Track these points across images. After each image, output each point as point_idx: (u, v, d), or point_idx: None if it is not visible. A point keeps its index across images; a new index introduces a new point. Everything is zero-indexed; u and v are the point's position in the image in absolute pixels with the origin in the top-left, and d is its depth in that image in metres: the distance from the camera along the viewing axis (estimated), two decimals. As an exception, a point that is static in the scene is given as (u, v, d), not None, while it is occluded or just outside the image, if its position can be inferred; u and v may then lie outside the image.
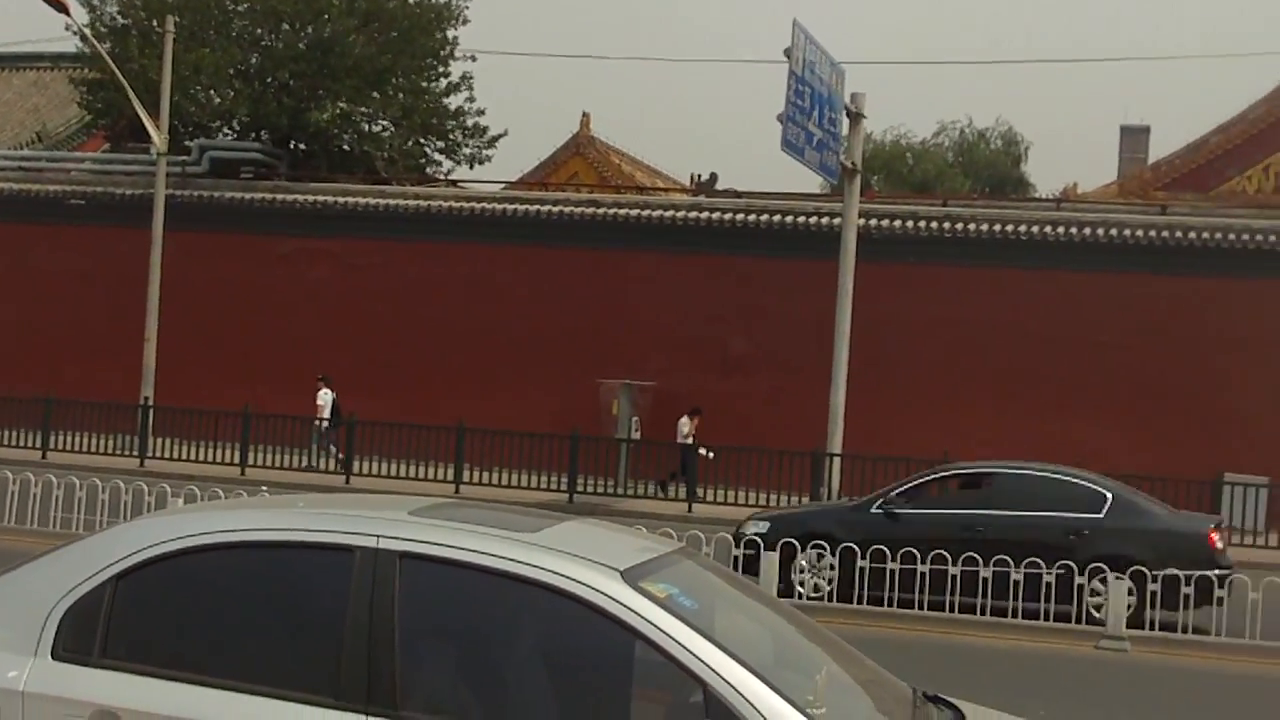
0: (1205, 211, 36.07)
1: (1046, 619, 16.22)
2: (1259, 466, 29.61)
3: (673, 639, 4.75)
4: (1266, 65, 63.32)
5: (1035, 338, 33.29)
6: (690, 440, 31.42)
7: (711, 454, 30.47)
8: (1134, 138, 53.81)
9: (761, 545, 16.94)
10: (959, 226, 34.17)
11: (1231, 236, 32.90)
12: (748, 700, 4.66)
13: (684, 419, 31.80)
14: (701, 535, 17.10)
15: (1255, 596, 15.68)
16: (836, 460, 30.18)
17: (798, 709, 4.73)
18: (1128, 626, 15.60)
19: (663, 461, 31.37)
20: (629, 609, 4.81)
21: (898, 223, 34.49)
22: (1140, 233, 33.39)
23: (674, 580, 5.22)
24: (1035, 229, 33.84)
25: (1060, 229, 33.76)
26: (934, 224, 34.35)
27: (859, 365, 31.33)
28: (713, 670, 4.70)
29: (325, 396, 33.54)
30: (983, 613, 16.34)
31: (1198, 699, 13.64)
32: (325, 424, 33.06)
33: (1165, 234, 33.26)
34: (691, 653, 4.73)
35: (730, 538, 17.22)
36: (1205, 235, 33.04)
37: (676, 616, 4.84)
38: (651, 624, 4.78)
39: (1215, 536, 17.38)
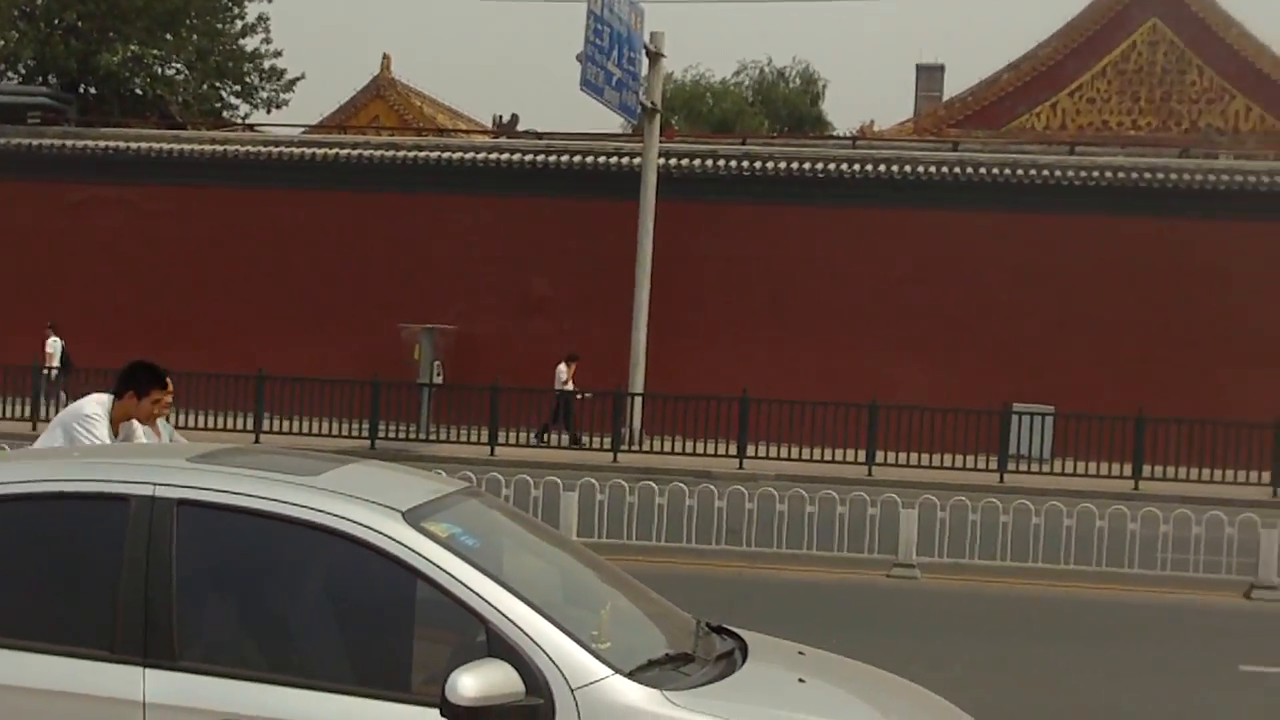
0: (995, 148, 37.02)
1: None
2: (1044, 396, 30.55)
3: (454, 578, 4.79)
4: (1057, 3, 64.85)
5: (833, 274, 33.85)
6: (569, 386, 31.38)
7: (588, 395, 30.52)
8: (929, 76, 54.79)
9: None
10: (758, 165, 34.54)
11: (1020, 172, 33.80)
12: (530, 636, 4.72)
13: (561, 365, 31.56)
14: (501, 477, 17.17)
15: (1038, 521, 16.25)
16: (638, 400, 30.51)
17: (581, 643, 4.81)
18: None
19: (466, 405, 31.21)
20: (410, 549, 4.84)
21: (697, 162, 34.74)
22: (933, 169, 34.10)
23: (457, 520, 5.26)
24: (832, 167, 34.36)
25: (856, 166, 34.33)
26: (733, 163, 34.67)
27: (660, 305, 31.67)
28: (495, 608, 4.75)
29: (54, 344, 32.48)
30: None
31: (984, 621, 14.11)
32: (55, 372, 32.01)
33: (957, 170, 34.02)
34: (474, 591, 4.77)
35: (529, 479, 17.27)
36: (995, 171, 33.88)
37: (458, 555, 4.88)
38: (433, 563, 4.81)
39: None
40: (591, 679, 4.72)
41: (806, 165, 34.49)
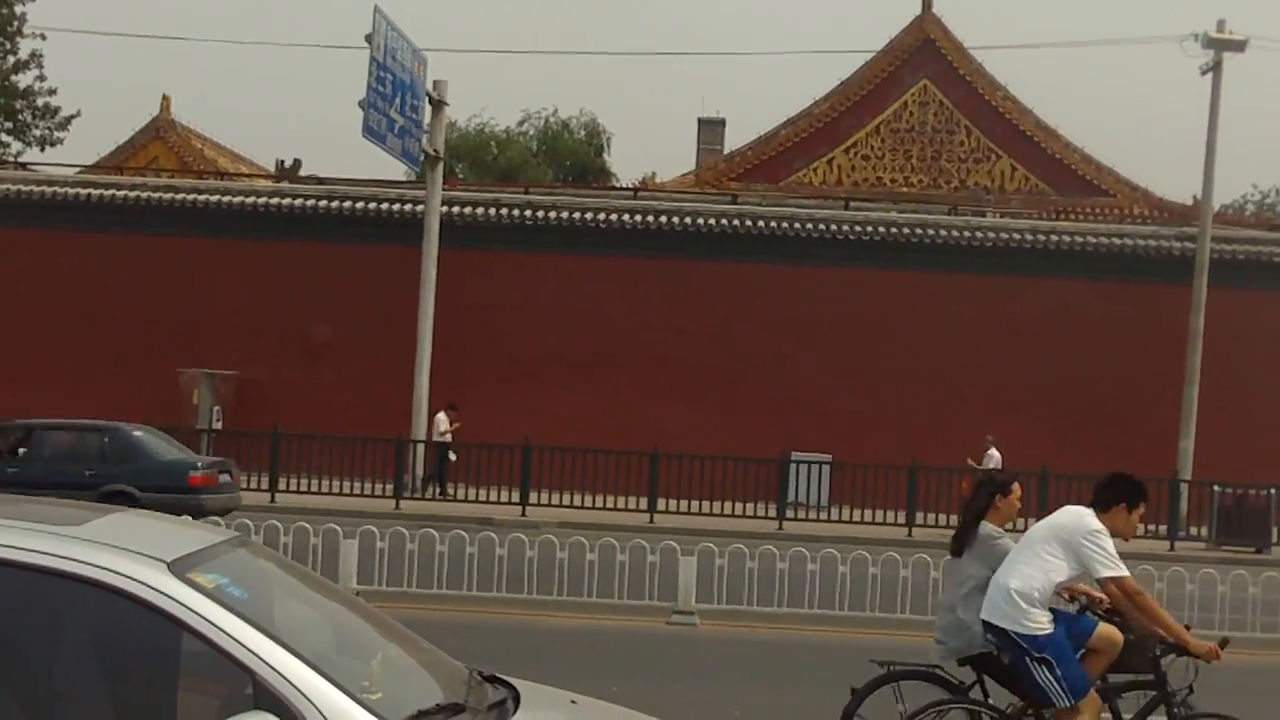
0: (773, 201, 37.76)
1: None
2: (822, 445, 31.10)
3: (220, 629, 4.69)
4: (832, 63, 66.51)
5: (615, 324, 34.11)
6: (448, 437, 30.93)
7: (454, 456, 30.18)
8: (711, 129, 55.54)
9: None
10: (540, 214, 34.68)
11: (797, 225, 34.50)
12: (297, 688, 4.65)
13: (440, 415, 31.22)
14: (279, 525, 16.90)
15: (814, 568, 16.50)
16: (420, 447, 30.32)
17: (349, 694, 4.76)
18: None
19: (246, 451, 30.49)
20: (175, 600, 4.73)
21: (480, 210, 34.77)
22: (713, 221, 34.63)
23: (225, 570, 5.16)
24: (614, 217, 34.67)
25: (638, 217, 34.68)
26: (516, 211, 34.77)
27: (442, 352, 31.55)
28: (261, 659, 4.66)
29: None
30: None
31: (761, 667, 14.27)
32: None
33: (736, 222, 34.60)
34: (239, 643, 4.68)
35: (308, 527, 17.01)
36: (773, 224, 34.54)
37: (224, 606, 4.79)
38: (198, 615, 4.71)
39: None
40: (359, 730, 4.67)
41: (589, 215, 34.74)
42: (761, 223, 34.62)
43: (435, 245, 31.53)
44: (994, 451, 29.56)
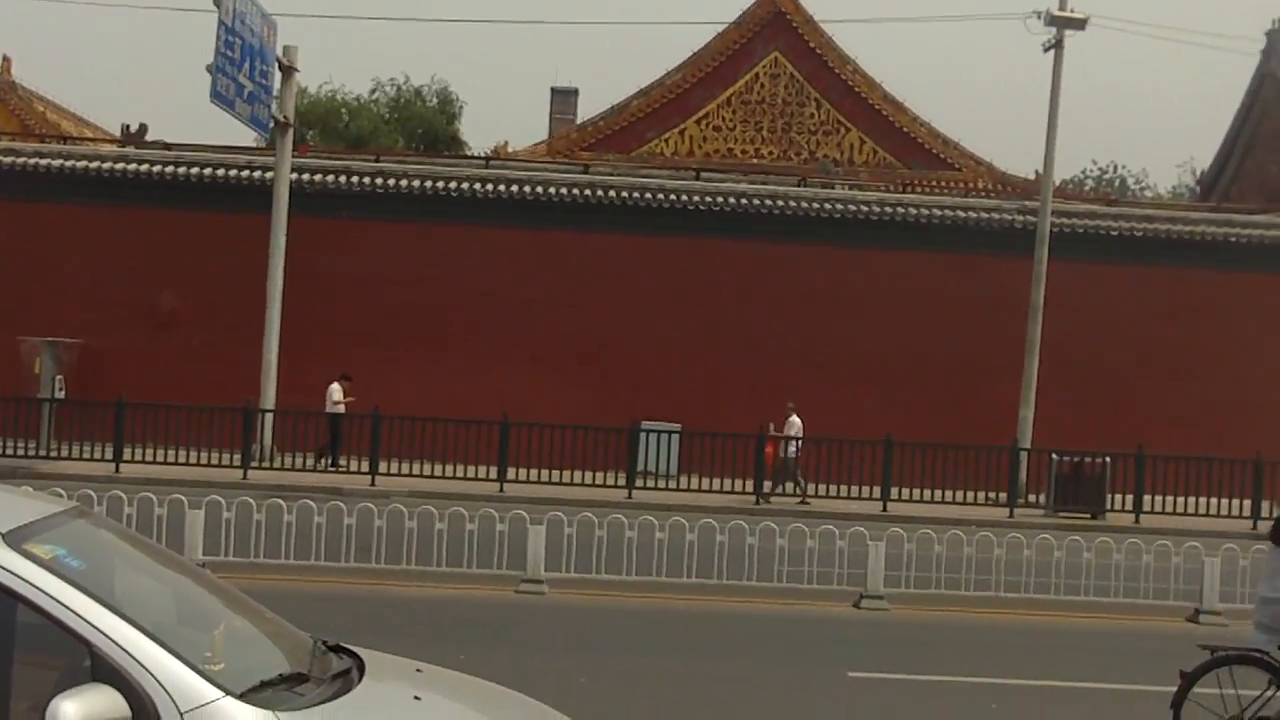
0: (625, 171, 37.83)
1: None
2: (671, 414, 31.31)
3: (57, 601, 4.67)
4: (684, 33, 66.78)
5: (466, 292, 34.03)
6: (341, 408, 30.59)
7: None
8: (563, 99, 55.46)
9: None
10: (392, 183, 34.45)
11: (648, 195, 34.66)
12: (136, 660, 4.64)
13: (334, 385, 30.81)
14: (124, 495, 16.70)
15: (662, 536, 16.69)
16: (269, 416, 30.06)
17: (191, 666, 4.77)
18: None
19: (90, 421, 30.03)
20: (9, 572, 4.70)
21: (331, 178, 34.42)
22: (565, 190, 34.67)
23: (63, 541, 5.14)
24: (466, 186, 34.54)
25: (490, 186, 34.59)
26: (367, 180, 34.49)
27: (293, 321, 31.26)
28: (100, 631, 4.65)
29: None
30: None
31: (610, 635, 14.43)
32: None
33: (588, 192, 34.67)
34: (77, 614, 4.66)
35: (153, 497, 16.82)
36: (625, 194, 34.65)
37: (61, 578, 4.77)
38: (34, 586, 4.68)
39: None
40: (201, 702, 4.68)
41: (441, 184, 34.58)
42: (613, 193, 34.72)
43: (285, 213, 31.19)
44: (795, 419, 29.94)
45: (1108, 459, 29.21)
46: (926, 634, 15.31)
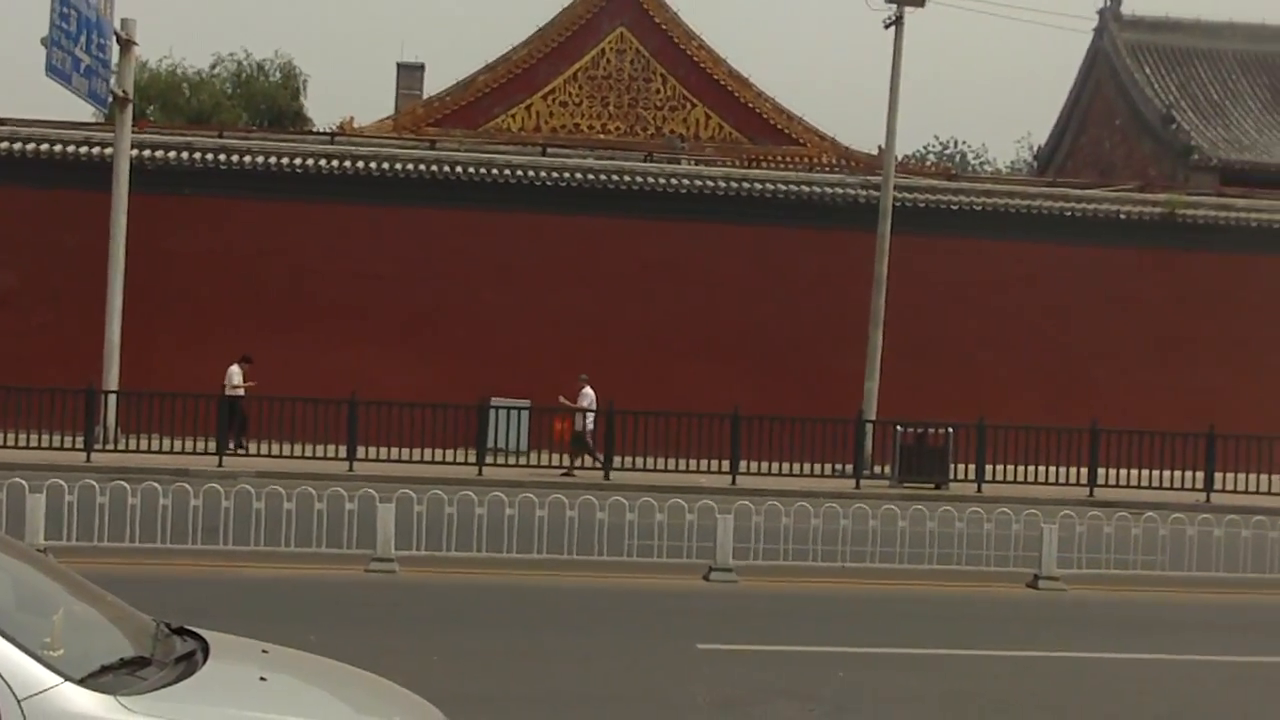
0: (471, 147, 37.68)
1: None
2: (521, 390, 31.31)
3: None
4: (530, 8, 66.49)
5: (313, 270, 33.73)
6: (240, 391, 30.07)
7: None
8: (410, 74, 55.01)
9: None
10: (235, 158, 33.98)
11: (495, 171, 34.59)
12: (-28, 647, 4.61)
13: (233, 367, 30.36)
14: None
15: (512, 512, 16.68)
16: (112, 397, 29.55)
17: (28, 652, 4.73)
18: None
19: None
20: None
21: (172, 154, 33.87)
22: (411, 166, 34.48)
23: (-105, 530, 5.08)
24: (311, 162, 34.19)
25: (335, 162, 34.28)
26: (210, 155, 33.99)
27: (135, 299, 30.77)
28: (-68, 620, 4.62)
29: None
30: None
31: (460, 612, 14.45)
32: None
33: (435, 168, 34.50)
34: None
35: (23, 483, 16.42)
36: (471, 170, 34.55)
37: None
38: None
39: None
40: (39, 688, 4.64)
41: (285, 160, 34.20)
42: (459, 169, 34.59)
43: (125, 190, 30.64)
44: (588, 390, 30.14)
45: (950, 430, 29.78)
46: (775, 605, 15.53)
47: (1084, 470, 29.59)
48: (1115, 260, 36.08)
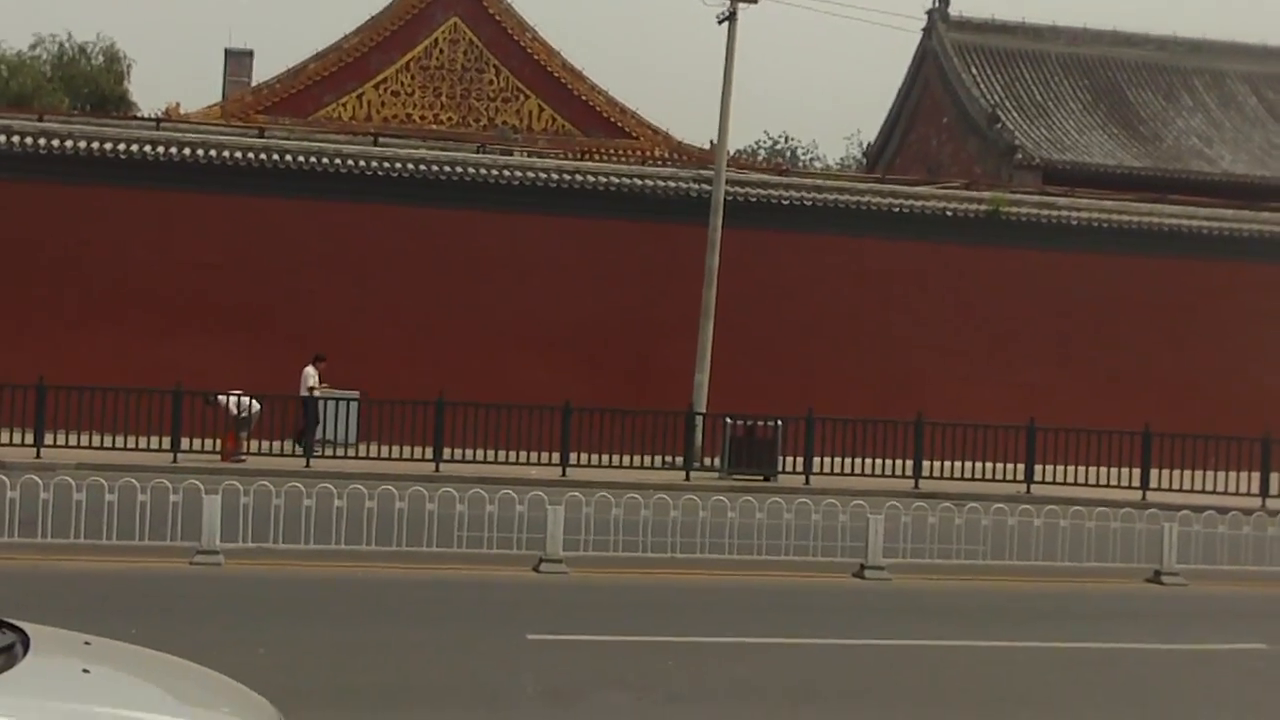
0: (301, 135, 37.25)
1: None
2: (350, 381, 30.97)
3: None
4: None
5: (136, 258, 33.03)
6: (314, 392, 29.58)
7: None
8: (238, 61, 54.15)
9: None
10: (56, 143, 33.17)
11: (325, 160, 34.20)
12: None
13: (309, 368, 29.89)
14: None
15: (340, 504, 16.51)
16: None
17: None
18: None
19: None
20: None
21: (-8, 138, 32.99)
22: (240, 154, 33.95)
23: None
24: (135, 148, 33.49)
25: (161, 149, 33.63)
26: (29, 140, 33.13)
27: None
28: None
29: None
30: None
31: (287, 605, 14.31)
32: None
33: (264, 156, 34.01)
34: None
35: None
36: (301, 159, 34.13)
37: None
38: None
39: None
40: None
41: (109, 145, 33.45)
42: (289, 157, 34.13)
43: (-62, 174, 29.79)
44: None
45: (780, 422, 30.12)
46: (605, 596, 15.61)
47: (909, 463, 30.15)
48: (941, 256, 36.79)
